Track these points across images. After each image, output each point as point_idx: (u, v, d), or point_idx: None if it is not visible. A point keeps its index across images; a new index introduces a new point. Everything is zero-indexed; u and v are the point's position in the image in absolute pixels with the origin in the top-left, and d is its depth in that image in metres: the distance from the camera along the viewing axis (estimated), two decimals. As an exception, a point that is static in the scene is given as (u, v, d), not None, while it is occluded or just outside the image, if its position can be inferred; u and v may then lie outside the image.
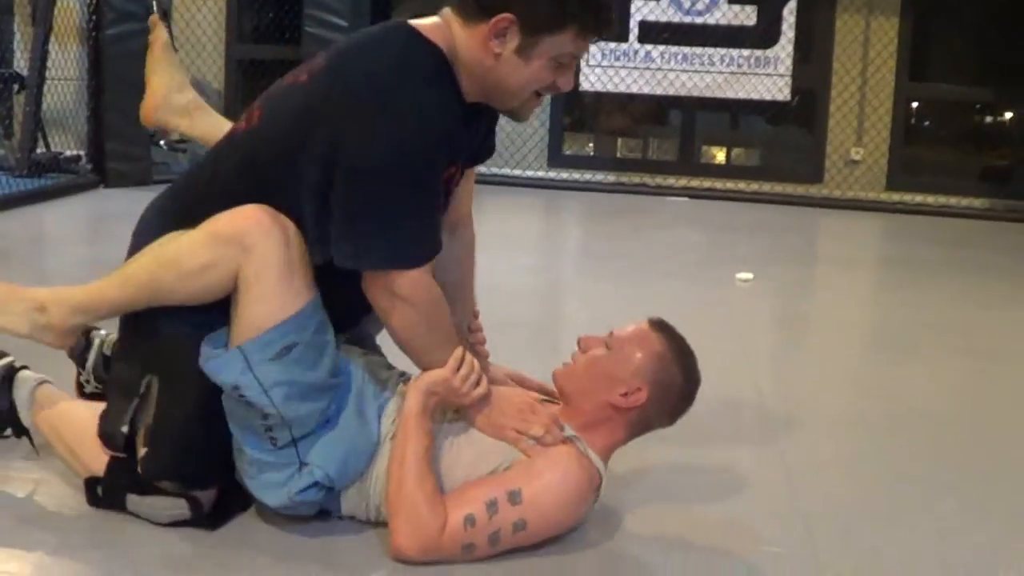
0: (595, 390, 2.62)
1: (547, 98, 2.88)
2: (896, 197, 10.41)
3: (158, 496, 2.59)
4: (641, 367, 2.62)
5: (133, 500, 2.61)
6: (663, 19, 10.24)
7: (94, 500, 2.67)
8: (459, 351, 2.58)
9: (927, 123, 11.90)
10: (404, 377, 2.76)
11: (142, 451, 2.56)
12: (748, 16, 10.33)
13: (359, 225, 2.43)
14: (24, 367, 2.88)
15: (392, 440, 2.58)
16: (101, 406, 2.94)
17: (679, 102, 10.77)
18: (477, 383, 2.59)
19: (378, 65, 2.45)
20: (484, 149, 2.81)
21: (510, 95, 2.56)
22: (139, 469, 2.57)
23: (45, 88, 8.96)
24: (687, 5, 10.32)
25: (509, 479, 2.50)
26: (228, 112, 3.31)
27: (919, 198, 10.31)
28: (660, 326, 2.70)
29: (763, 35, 10.34)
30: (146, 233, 2.64)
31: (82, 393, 3.07)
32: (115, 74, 8.82)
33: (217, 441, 2.58)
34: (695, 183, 10.60)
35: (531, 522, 2.47)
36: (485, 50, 2.47)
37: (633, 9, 10.39)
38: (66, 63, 9.22)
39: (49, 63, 8.92)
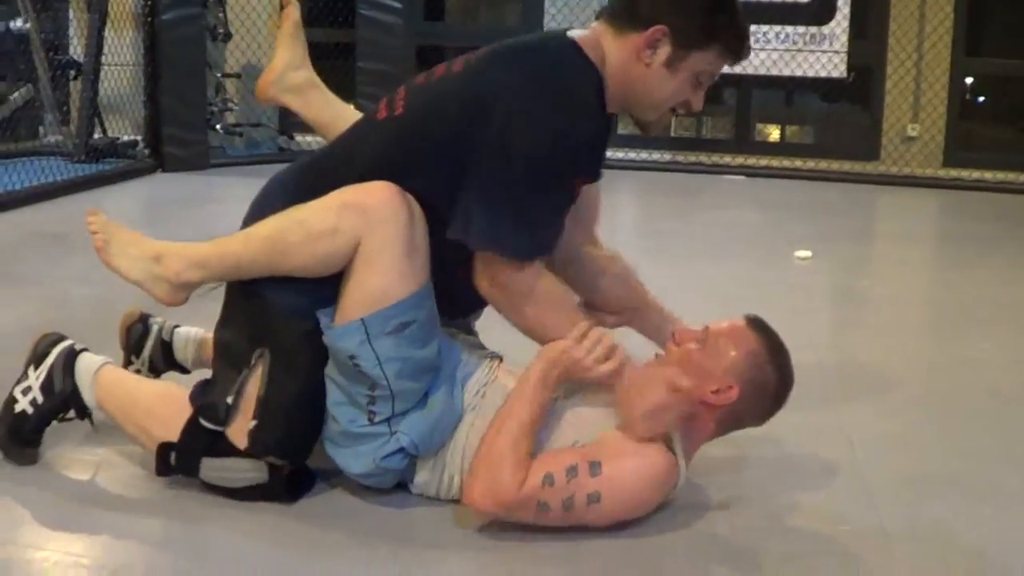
0: (685, 384, 2.61)
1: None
2: (953, 173, 10.32)
3: (237, 458, 2.62)
4: (734, 364, 2.59)
5: (208, 464, 2.64)
6: None
7: (165, 468, 2.69)
8: (583, 325, 2.59)
9: (983, 98, 11.79)
10: (495, 355, 2.78)
11: (251, 423, 2.58)
12: (803, -7, 10.27)
13: (498, 208, 2.51)
14: (85, 349, 2.90)
15: (473, 411, 2.61)
16: (167, 382, 2.98)
17: (734, 80, 10.69)
18: (606, 358, 2.58)
19: (543, 65, 2.57)
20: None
21: (651, 106, 2.68)
22: (247, 441, 2.59)
23: (101, 74, 9.01)
24: (741, -18, 10.25)
25: (592, 451, 2.50)
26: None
27: (976, 174, 10.21)
28: (757, 324, 2.68)
29: (818, 11, 10.26)
30: (266, 205, 2.69)
31: None
32: (171, 59, 8.90)
33: (318, 416, 2.63)
34: (751, 161, 10.55)
35: (605, 497, 2.46)
36: (637, 59, 2.59)
37: (686, -12, 10.31)
38: (122, 49, 9.27)
39: (105, 49, 8.96)
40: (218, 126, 9.68)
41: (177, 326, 3.22)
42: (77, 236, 6.24)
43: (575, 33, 2.65)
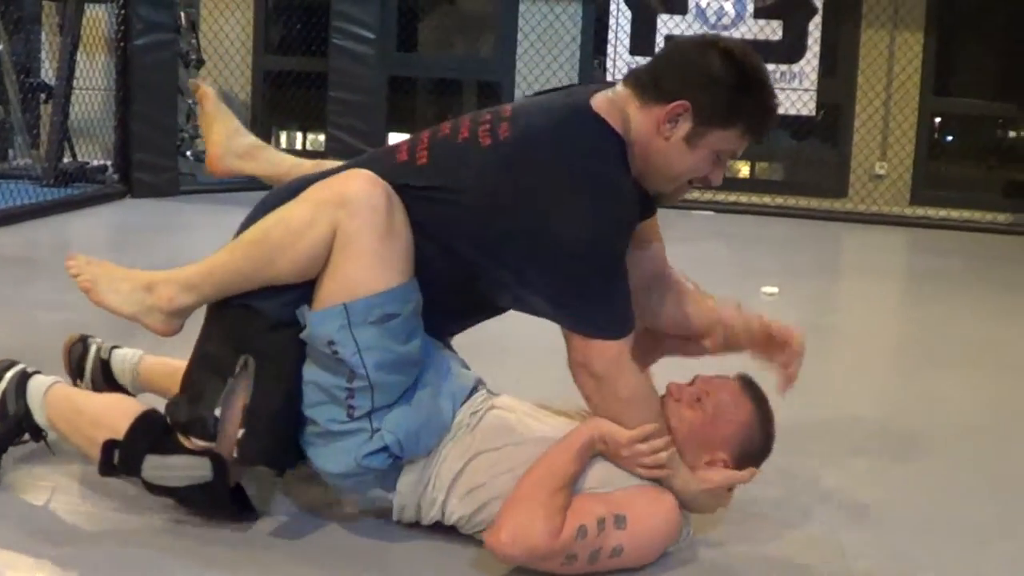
0: (681, 451, 2.62)
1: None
2: (920, 212, 10.40)
3: (181, 456, 2.60)
4: (729, 438, 2.65)
5: (152, 462, 2.61)
6: (688, 33, 10.20)
7: (108, 468, 2.65)
8: (650, 428, 2.55)
9: (951, 138, 11.88)
10: (481, 381, 2.77)
11: (239, 432, 2.55)
12: (774, 31, 10.31)
13: (574, 296, 2.51)
14: (37, 372, 2.89)
15: (466, 431, 2.59)
16: (115, 394, 3.02)
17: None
18: (654, 467, 2.55)
19: (573, 149, 2.53)
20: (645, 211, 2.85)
21: (668, 179, 2.66)
22: (235, 453, 2.56)
23: (72, 98, 9.00)
24: (713, 20, 10.31)
25: (617, 503, 2.49)
26: (255, 123, 3.30)
27: (943, 213, 10.30)
28: (750, 389, 2.72)
29: (789, 50, 10.32)
30: (259, 216, 2.66)
31: None
32: (143, 84, 8.90)
33: (298, 423, 2.61)
34: (720, 197, 10.58)
35: (626, 551, 2.47)
36: (658, 132, 2.57)
37: (659, 24, 10.39)
38: (93, 73, 9.26)
39: (77, 73, 8.96)
40: (188, 153, 9.64)
41: (116, 346, 3.21)
42: (44, 260, 6.26)
43: (598, 99, 2.61)
